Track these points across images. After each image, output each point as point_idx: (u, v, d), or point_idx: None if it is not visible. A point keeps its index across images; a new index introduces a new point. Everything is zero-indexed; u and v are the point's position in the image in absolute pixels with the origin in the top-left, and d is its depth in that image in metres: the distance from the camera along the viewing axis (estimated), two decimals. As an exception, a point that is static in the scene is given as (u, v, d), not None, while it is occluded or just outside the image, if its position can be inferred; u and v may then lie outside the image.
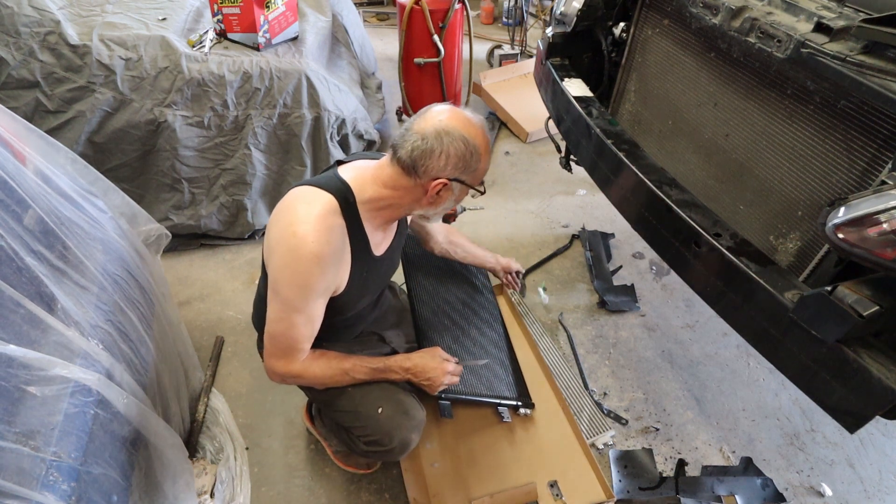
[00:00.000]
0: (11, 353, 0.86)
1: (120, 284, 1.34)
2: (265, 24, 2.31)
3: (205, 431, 1.70)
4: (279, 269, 1.15)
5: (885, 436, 1.81)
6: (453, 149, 1.10)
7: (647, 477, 1.64)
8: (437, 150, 1.10)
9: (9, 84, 2.06)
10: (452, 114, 1.14)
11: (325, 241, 1.11)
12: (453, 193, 1.18)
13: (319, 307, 1.21)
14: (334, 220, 1.14)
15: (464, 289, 1.84)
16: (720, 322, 1.67)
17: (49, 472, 0.86)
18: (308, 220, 1.10)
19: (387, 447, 1.32)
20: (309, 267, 1.11)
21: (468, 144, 1.11)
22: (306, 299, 1.16)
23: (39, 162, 1.27)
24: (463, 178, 1.16)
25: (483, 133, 1.16)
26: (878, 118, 1.06)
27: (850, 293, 0.92)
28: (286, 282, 1.14)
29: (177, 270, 2.33)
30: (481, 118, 1.18)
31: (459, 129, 1.11)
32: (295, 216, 1.11)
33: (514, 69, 3.71)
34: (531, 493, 1.54)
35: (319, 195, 1.14)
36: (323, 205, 1.12)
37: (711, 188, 1.55)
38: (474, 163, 1.14)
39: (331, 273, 1.16)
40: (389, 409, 1.32)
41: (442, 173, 1.12)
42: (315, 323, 1.22)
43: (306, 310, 1.18)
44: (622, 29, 1.88)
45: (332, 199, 1.14)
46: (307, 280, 1.13)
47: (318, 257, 1.11)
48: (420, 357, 1.37)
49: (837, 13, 1.14)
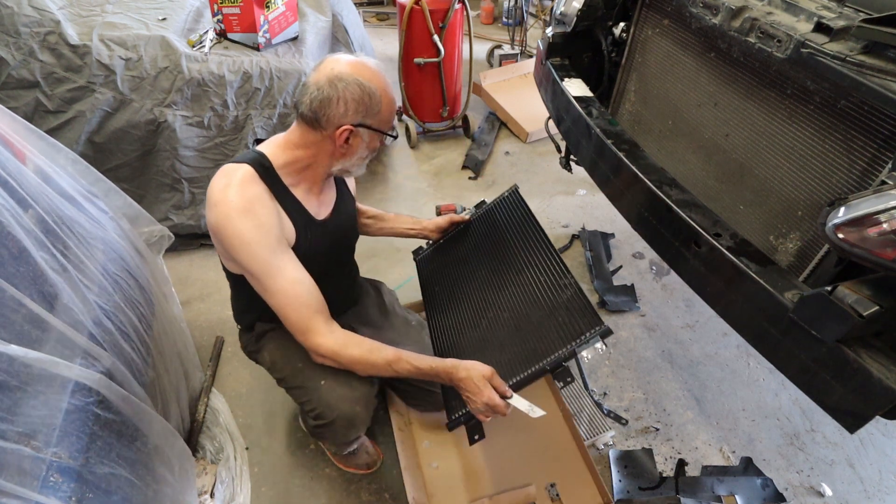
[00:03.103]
0: (12, 353, 0.86)
1: (120, 284, 1.34)
2: (265, 24, 2.31)
3: (205, 431, 1.70)
4: (228, 249, 1.14)
5: (885, 436, 1.81)
6: (349, 93, 1.11)
7: (647, 477, 1.64)
8: (333, 98, 1.11)
9: (9, 84, 2.06)
10: (343, 60, 1.14)
11: (247, 197, 1.12)
12: (363, 140, 1.19)
13: (291, 263, 1.18)
14: (254, 184, 1.14)
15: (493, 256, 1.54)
16: (720, 322, 1.67)
17: (49, 473, 0.86)
18: (226, 187, 1.12)
19: (327, 419, 1.29)
20: (242, 223, 1.10)
21: (363, 87, 1.12)
22: (268, 259, 1.14)
23: (40, 161, 1.27)
24: (367, 122, 1.16)
25: (378, 74, 1.15)
26: (878, 118, 1.06)
27: (850, 293, 0.92)
28: (241, 256, 1.13)
29: (177, 270, 2.33)
30: (376, 62, 1.18)
31: (352, 74, 1.11)
32: (217, 191, 1.13)
33: (514, 69, 3.72)
34: (529, 494, 1.54)
35: (232, 168, 1.15)
36: (237, 175, 1.13)
37: (711, 188, 1.55)
38: (375, 104, 1.14)
39: (267, 220, 1.13)
40: (332, 382, 1.29)
41: (344, 120, 1.13)
42: (302, 283, 1.19)
43: (281, 271, 1.15)
44: (622, 29, 1.88)
45: (247, 167, 1.15)
46: (250, 237, 1.11)
47: (244, 209, 1.11)
48: (468, 373, 1.18)
49: (837, 13, 1.14)
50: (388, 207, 2.79)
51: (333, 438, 1.41)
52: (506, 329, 1.35)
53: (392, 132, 1.23)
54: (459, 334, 1.46)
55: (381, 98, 1.15)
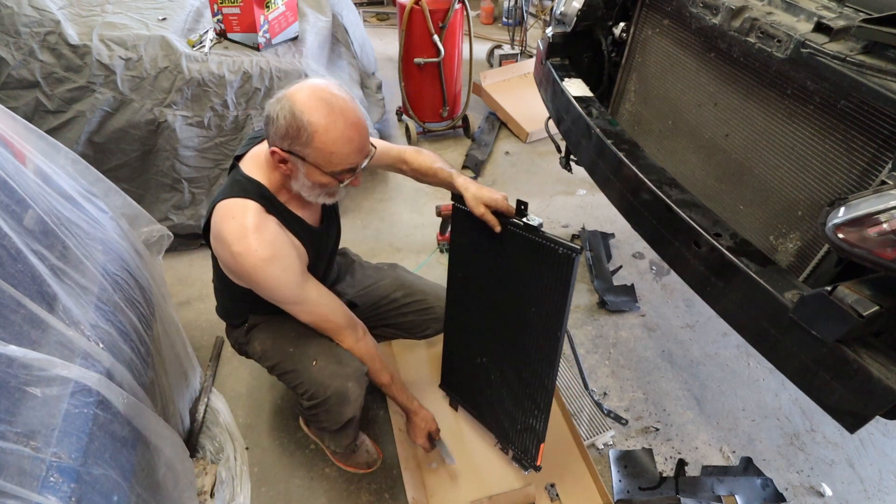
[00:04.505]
0: (12, 354, 0.86)
1: (120, 284, 1.34)
2: (265, 24, 2.31)
3: (205, 431, 1.70)
4: (253, 287, 1.20)
5: (885, 436, 1.81)
6: (282, 116, 1.07)
7: (647, 477, 1.64)
8: (272, 115, 1.08)
9: (9, 84, 2.06)
10: (308, 84, 1.10)
11: (268, 242, 1.14)
12: (299, 169, 1.13)
13: (314, 289, 1.27)
14: (264, 221, 1.16)
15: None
16: (720, 322, 1.67)
17: (49, 473, 0.86)
18: (241, 234, 1.12)
19: (321, 398, 1.32)
20: (268, 271, 1.15)
21: (296, 116, 1.06)
22: (296, 293, 1.22)
23: (40, 161, 1.27)
24: (299, 152, 1.09)
25: (328, 110, 1.07)
26: (878, 118, 1.06)
27: (850, 293, 0.92)
28: (269, 292, 1.21)
29: (177, 270, 2.33)
30: (347, 98, 1.10)
31: (296, 100, 1.06)
32: (229, 236, 1.13)
33: (514, 69, 3.71)
34: (529, 494, 1.54)
35: (239, 208, 1.15)
36: (247, 213, 1.14)
37: (711, 188, 1.55)
38: (303, 137, 1.07)
39: (290, 259, 1.19)
40: (323, 361, 1.33)
41: (274, 141, 1.10)
42: (324, 299, 1.29)
43: (308, 299, 1.25)
44: (622, 29, 1.88)
45: (253, 204, 1.15)
46: (277, 281, 1.18)
47: (269, 259, 1.14)
48: (423, 415, 1.53)
49: (837, 13, 1.14)
50: (388, 208, 2.79)
51: (328, 420, 1.40)
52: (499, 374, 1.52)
53: (339, 176, 1.13)
54: (468, 337, 1.58)
55: (312, 134, 1.06)
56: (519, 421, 1.50)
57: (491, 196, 1.31)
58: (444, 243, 2.50)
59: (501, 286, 1.40)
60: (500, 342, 1.47)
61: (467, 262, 1.50)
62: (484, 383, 1.57)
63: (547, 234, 1.25)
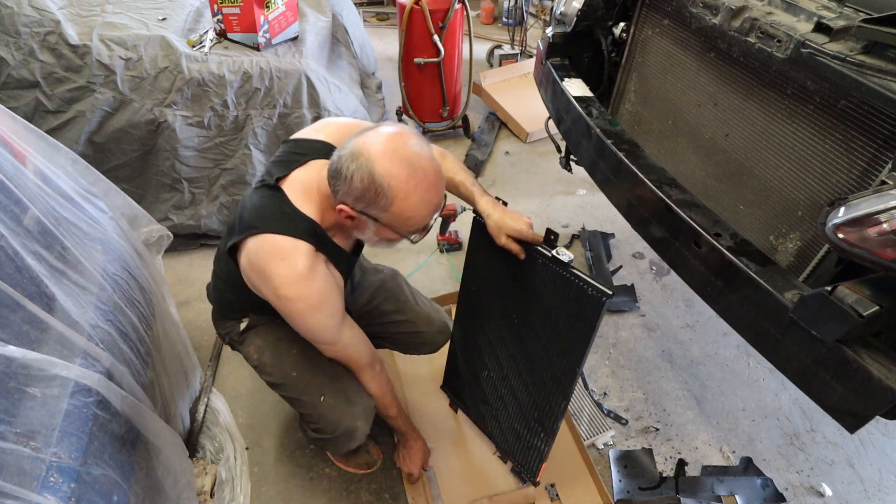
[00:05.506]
0: (11, 354, 0.86)
1: (120, 284, 1.34)
2: (265, 24, 2.31)
3: (205, 431, 1.70)
4: (295, 325, 1.17)
5: (885, 436, 1.81)
6: (357, 178, 0.98)
7: (647, 477, 1.64)
8: (343, 173, 0.99)
9: (9, 84, 2.06)
10: (382, 137, 0.99)
11: (318, 289, 1.10)
12: (368, 227, 1.07)
13: (349, 329, 1.25)
14: (315, 266, 1.09)
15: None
16: (720, 322, 1.67)
17: (49, 473, 0.86)
18: (293, 279, 1.06)
19: (330, 435, 1.32)
20: (315, 319, 1.13)
21: (375, 179, 0.97)
22: (334, 335, 1.20)
23: (39, 162, 1.27)
24: (373, 215, 1.03)
25: (412, 176, 0.98)
26: (878, 118, 1.06)
27: (850, 293, 0.92)
28: (307, 333, 1.19)
29: (177, 270, 2.33)
30: (427, 154, 1.01)
31: (374, 158, 0.97)
32: (278, 279, 1.06)
33: (514, 69, 3.71)
34: (529, 494, 1.54)
35: (291, 246, 1.07)
36: (300, 256, 1.07)
37: (711, 188, 1.55)
38: (381, 202, 0.99)
39: (336, 306, 1.17)
40: (332, 398, 1.31)
41: (346, 199, 1.02)
42: (355, 340, 1.27)
43: (341, 339, 1.23)
44: (622, 29, 1.88)
45: (304, 245, 1.07)
46: (319, 326, 1.16)
47: (317, 308, 1.11)
48: (418, 446, 1.55)
49: (837, 13, 1.14)
50: (388, 207, 2.78)
51: (334, 450, 1.48)
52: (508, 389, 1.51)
53: (411, 236, 1.09)
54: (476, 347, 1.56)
55: (392, 199, 0.99)
56: (523, 439, 1.49)
57: (514, 227, 1.23)
58: (444, 243, 2.50)
59: (519, 310, 1.35)
60: (512, 362, 1.44)
61: (482, 279, 1.45)
62: (489, 394, 1.56)
63: (577, 272, 1.17)
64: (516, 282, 1.33)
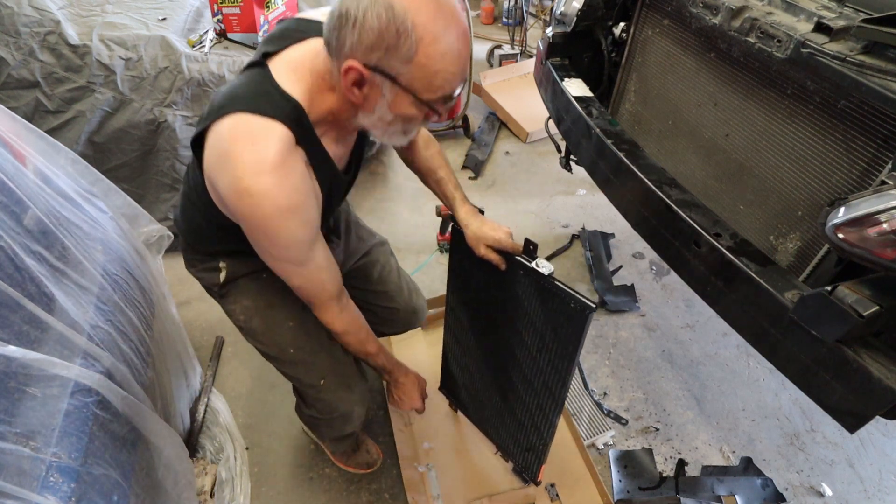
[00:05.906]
0: (11, 354, 0.86)
1: (120, 284, 1.34)
2: (265, 24, 2.31)
3: (205, 431, 1.70)
4: (251, 234, 0.94)
5: (885, 436, 1.81)
6: (369, 17, 0.76)
7: (647, 477, 1.64)
8: (352, 12, 0.77)
9: (9, 84, 2.06)
10: None
11: (292, 187, 0.88)
12: (382, 95, 0.85)
13: (321, 251, 1.03)
14: (291, 157, 0.88)
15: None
16: (720, 322, 1.67)
17: (49, 473, 0.86)
18: (261, 169, 0.84)
19: (326, 416, 1.31)
20: (284, 223, 0.90)
21: (396, 16, 0.76)
22: (303, 254, 0.98)
23: (39, 162, 1.27)
24: (386, 68, 0.81)
25: (440, 15, 0.79)
26: (878, 118, 1.06)
27: (850, 293, 0.92)
28: (271, 247, 0.96)
29: (177, 270, 2.32)
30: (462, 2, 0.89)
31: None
32: (243, 167, 0.84)
33: (514, 69, 3.71)
34: (529, 494, 1.54)
35: (266, 128, 0.86)
36: (275, 143, 0.85)
37: (711, 188, 1.55)
38: (403, 46, 0.78)
39: (310, 213, 0.95)
40: (331, 382, 1.27)
41: (354, 52, 0.80)
42: (328, 269, 1.05)
43: (311, 261, 1.00)
44: (622, 29, 1.88)
45: (282, 129, 0.86)
46: (289, 238, 0.93)
47: (291, 209, 0.88)
48: (410, 379, 1.39)
49: (837, 13, 1.14)
50: (388, 208, 2.79)
51: (329, 430, 1.42)
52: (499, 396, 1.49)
53: (435, 105, 0.87)
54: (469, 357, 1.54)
55: (417, 41, 0.78)
56: (521, 442, 1.48)
57: (494, 236, 1.16)
58: (444, 243, 2.50)
59: (506, 320, 1.32)
60: (502, 370, 1.41)
61: (466, 287, 1.42)
62: (484, 399, 1.55)
63: (557, 285, 1.12)
64: (501, 292, 1.29)
